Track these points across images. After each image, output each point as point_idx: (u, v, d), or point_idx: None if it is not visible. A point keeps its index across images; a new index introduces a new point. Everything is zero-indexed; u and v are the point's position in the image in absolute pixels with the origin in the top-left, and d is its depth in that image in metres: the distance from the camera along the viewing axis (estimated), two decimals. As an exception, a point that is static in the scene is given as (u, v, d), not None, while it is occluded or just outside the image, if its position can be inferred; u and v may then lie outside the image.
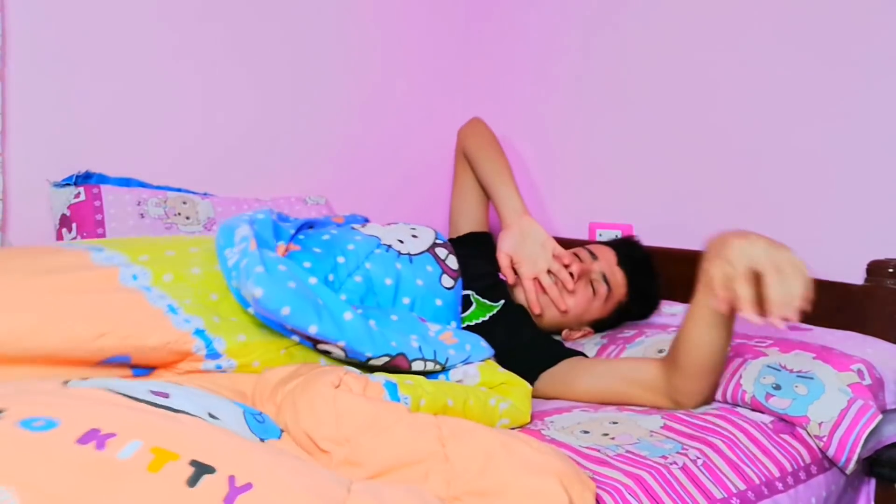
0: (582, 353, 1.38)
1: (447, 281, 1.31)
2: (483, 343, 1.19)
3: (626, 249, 1.53)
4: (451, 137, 1.90)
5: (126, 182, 1.64)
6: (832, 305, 1.46)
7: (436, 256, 1.33)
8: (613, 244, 1.56)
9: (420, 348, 1.09)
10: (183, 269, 1.09)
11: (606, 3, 1.92)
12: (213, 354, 1.01)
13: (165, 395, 0.76)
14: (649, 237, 1.77)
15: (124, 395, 0.74)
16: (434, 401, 0.99)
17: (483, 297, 1.40)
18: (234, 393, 0.91)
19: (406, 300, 1.25)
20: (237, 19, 1.80)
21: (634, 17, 1.86)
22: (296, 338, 1.07)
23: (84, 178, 1.59)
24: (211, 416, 0.76)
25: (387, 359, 1.05)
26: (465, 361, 1.14)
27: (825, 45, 1.54)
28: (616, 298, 1.50)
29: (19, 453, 0.61)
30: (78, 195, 1.55)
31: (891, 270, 1.40)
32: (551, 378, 1.31)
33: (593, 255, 1.49)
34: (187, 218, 1.64)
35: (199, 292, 1.05)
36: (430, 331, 1.17)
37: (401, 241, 1.33)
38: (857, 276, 1.46)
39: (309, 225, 1.36)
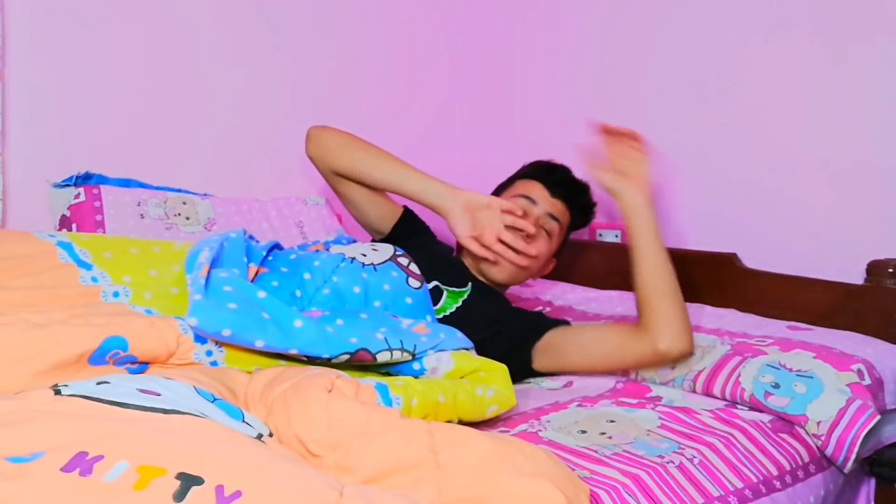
0: (564, 322, 1.41)
1: (413, 283, 1.35)
2: (460, 335, 1.20)
3: (552, 177, 1.54)
4: (452, 137, 1.91)
5: (126, 183, 1.64)
6: (832, 305, 1.46)
7: (398, 264, 1.37)
8: (536, 176, 1.55)
9: (386, 339, 1.11)
10: (162, 289, 1.16)
11: (607, 3, 1.92)
12: (201, 339, 1.05)
13: (156, 394, 0.76)
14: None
15: (113, 402, 0.74)
16: (425, 399, 1.00)
17: (451, 286, 1.41)
18: (225, 389, 0.91)
19: (377, 303, 1.29)
20: (237, 20, 1.81)
21: (635, 18, 1.86)
22: None
23: (84, 179, 1.59)
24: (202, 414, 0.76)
25: (346, 356, 1.07)
26: (438, 348, 1.14)
27: (825, 43, 1.54)
28: (564, 227, 1.53)
29: (4, 488, 0.62)
30: (78, 196, 1.55)
31: (891, 270, 1.40)
32: (542, 353, 1.34)
33: (530, 200, 1.49)
34: (187, 218, 1.64)
35: (178, 306, 1.12)
36: (402, 324, 1.19)
37: (363, 255, 1.37)
38: (857, 276, 1.46)
39: (278, 246, 1.41)
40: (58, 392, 0.76)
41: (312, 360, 1.08)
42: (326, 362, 1.07)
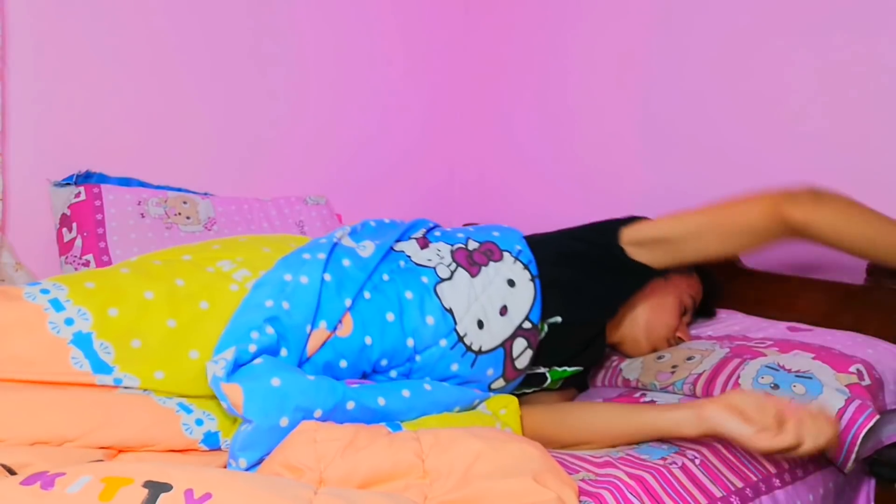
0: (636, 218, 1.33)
1: (498, 383, 1.18)
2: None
3: (713, 301, 1.50)
4: (452, 137, 1.90)
5: (126, 182, 1.64)
6: (832, 305, 1.46)
7: (507, 352, 1.16)
8: (713, 292, 1.49)
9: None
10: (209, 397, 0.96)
11: (607, 4, 1.92)
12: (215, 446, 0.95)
13: None
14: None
15: None
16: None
17: (563, 366, 1.28)
18: None
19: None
20: (237, 20, 1.80)
21: (635, 17, 1.86)
22: None
23: (84, 178, 1.59)
24: None
25: None
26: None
27: (824, 42, 1.54)
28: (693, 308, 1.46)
29: None
30: (78, 195, 1.55)
31: (891, 271, 1.40)
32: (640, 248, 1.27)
33: (694, 307, 1.45)
34: (188, 218, 1.64)
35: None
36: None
37: (480, 325, 1.14)
38: (857, 276, 1.46)
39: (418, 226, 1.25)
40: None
41: None
42: None
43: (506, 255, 1.20)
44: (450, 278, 1.15)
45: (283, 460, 0.80)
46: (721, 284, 1.52)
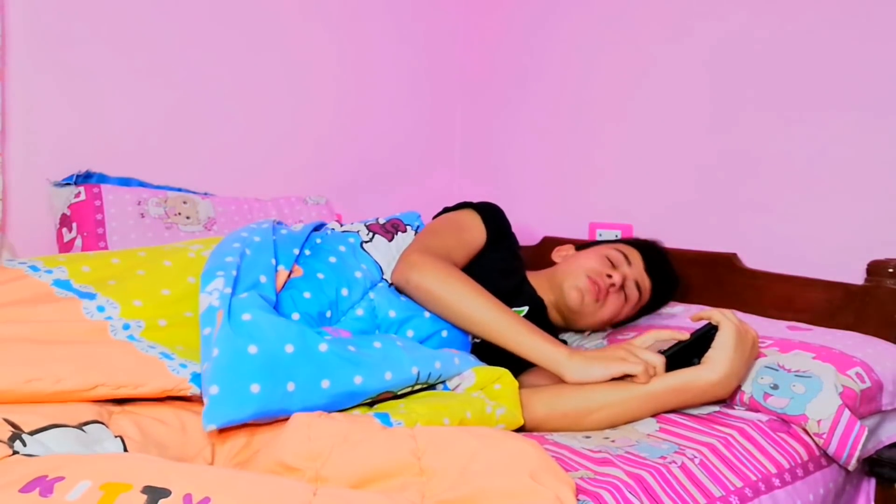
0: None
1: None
2: (472, 358, 1.16)
3: (653, 256, 1.53)
4: (451, 137, 1.91)
5: (126, 182, 1.64)
6: (832, 305, 1.46)
7: None
8: (639, 247, 1.54)
9: (418, 374, 1.04)
10: (177, 317, 1.05)
11: (608, 4, 1.92)
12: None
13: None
14: (649, 237, 1.77)
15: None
16: (430, 423, 0.95)
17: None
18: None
19: (410, 332, 1.21)
20: (237, 20, 1.81)
21: (636, 18, 1.86)
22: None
23: (84, 178, 1.59)
24: None
25: (369, 400, 1.02)
26: (458, 371, 1.11)
27: (824, 42, 1.54)
28: (642, 303, 1.51)
29: None
30: (78, 195, 1.55)
31: (891, 270, 1.40)
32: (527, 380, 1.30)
33: (627, 261, 1.48)
34: (187, 218, 1.64)
35: (193, 336, 1.02)
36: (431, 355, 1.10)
37: None
38: (857, 276, 1.46)
39: (316, 227, 1.34)
40: (15, 452, 0.73)
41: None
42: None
43: (409, 228, 1.41)
44: (371, 241, 1.34)
45: (279, 459, 0.80)
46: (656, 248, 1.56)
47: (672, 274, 1.56)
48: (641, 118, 1.85)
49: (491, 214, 1.45)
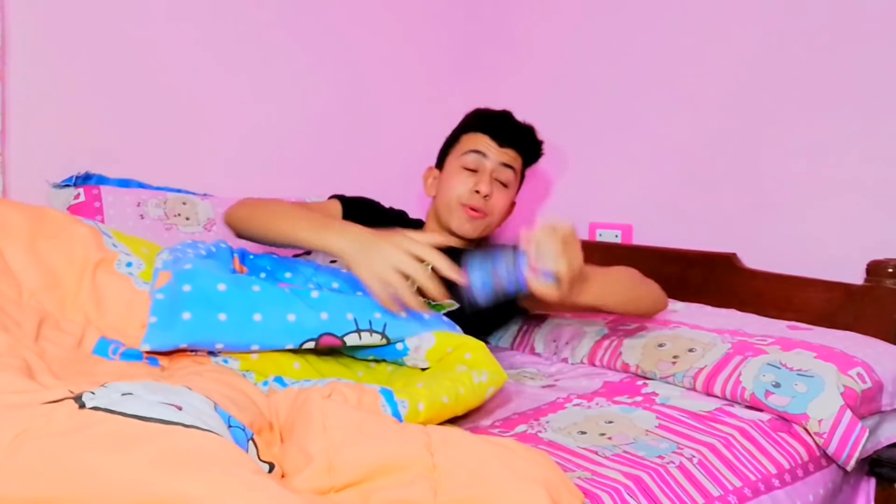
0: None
1: None
2: (446, 320, 1.18)
3: (498, 126, 1.55)
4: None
5: (126, 183, 1.64)
6: (832, 305, 1.46)
7: None
8: (481, 128, 1.55)
9: (355, 320, 1.08)
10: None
11: (608, 4, 1.92)
12: None
13: (178, 408, 0.75)
14: (649, 237, 1.77)
15: (134, 416, 0.72)
16: (431, 404, 0.99)
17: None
18: (236, 409, 0.88)
19: (360, 294, 1.21)
20: (237, 20, 1.81)
21: (636, 18, 1.86)
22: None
23: (84, 179, 1.59)
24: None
25: (312, 343, 1.05)
26: (424, 327, 1.13)
27: (823, 42, 1.54)
28: (518, 172, 1.57)
29: None
30: (78, 196, 1.55)
31: (891, 270, 1.40)
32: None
33: (481, 154, 1.51)
34: (187, 219, 1.64)
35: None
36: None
37: (334, 261, 1.37)
38: (857, 276, 1.46)
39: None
40: (82, 406, 0.75)
41: (290, 351, 1.08)
42: (295, 352, 1.08)
43: None
44: None
45: (301, 445, 0.81)
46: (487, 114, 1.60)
47: (520, 125, 1.58)
48: (641, 118, 1.85)
49: (353, 201, 1.55)
